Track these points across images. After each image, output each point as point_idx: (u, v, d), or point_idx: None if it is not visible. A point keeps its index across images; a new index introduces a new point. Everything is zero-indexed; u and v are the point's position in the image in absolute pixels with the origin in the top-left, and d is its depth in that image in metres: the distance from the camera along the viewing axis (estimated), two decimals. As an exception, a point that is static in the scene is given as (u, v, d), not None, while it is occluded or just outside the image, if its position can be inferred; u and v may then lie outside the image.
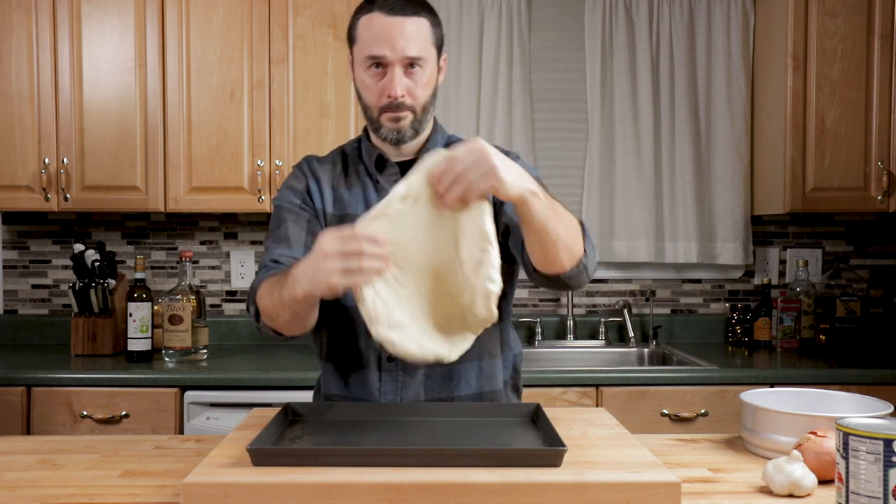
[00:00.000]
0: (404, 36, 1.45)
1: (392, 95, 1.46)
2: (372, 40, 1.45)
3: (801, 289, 3.05)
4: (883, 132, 2.84)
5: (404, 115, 1.49)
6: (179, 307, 2.66)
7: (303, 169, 1.63)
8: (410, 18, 1.46)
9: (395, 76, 1.45)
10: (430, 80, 1.51)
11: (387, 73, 1.46)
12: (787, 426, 1.33)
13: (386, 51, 1.44)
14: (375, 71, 1.47)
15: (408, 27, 1.45)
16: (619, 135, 3.14)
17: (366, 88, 1.50)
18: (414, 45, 1.45)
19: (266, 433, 1.21)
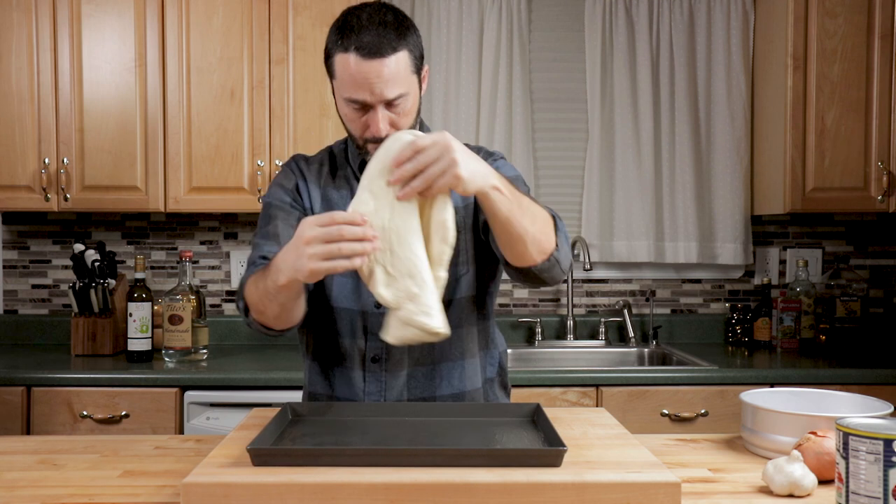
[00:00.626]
0: (382, 79, 1.38)
1: (375, 134, 1.41)
2: (349, 84, 1.39)
3: (801, 289, 3.05)
4: (883, 132, 2.84)
5: None
6: (179, 307, 2.66)
7: (291, 167, 1.62)
8: (388, 59, 1.38)
9: (378, 118, 1.40)
10: (412, 106, 1.46)
11: (369, 111, 1.42)
12: (787, 426, 1.33)
13: (366, 96, 1.39)
14: (356, 108, 1.42)
15: (386, 69, 1.37)
16: (619, 135, 3.14)
17: (349, 121, 1.46)
18: (393, 87, 1.39)
19: (266, 433, 1.21)
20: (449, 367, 1.55)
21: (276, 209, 1.55)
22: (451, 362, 1.55)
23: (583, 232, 3.16)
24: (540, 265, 1.36)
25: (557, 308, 3.24)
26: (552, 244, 1.37)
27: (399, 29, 1.41)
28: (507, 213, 1.27)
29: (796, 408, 1.41)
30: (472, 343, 1.58)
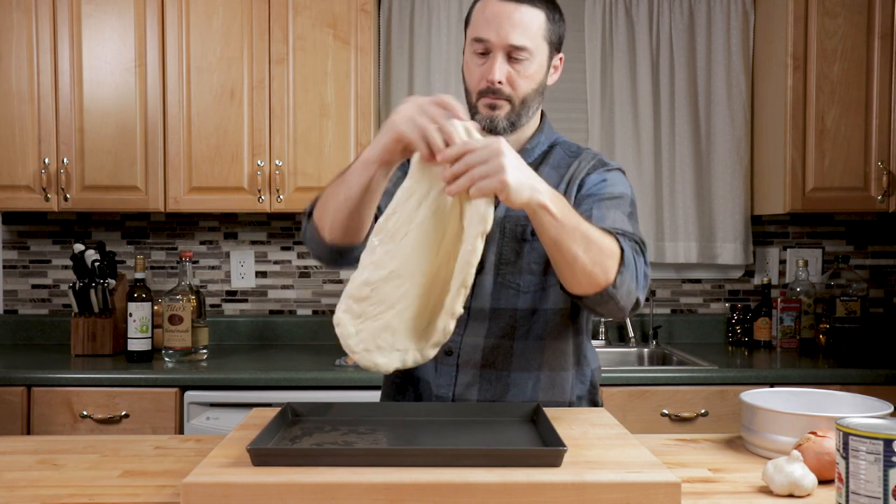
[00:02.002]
0: (512, 22, 1.42)
1: (490, 80, 1.43)
2: (481, 23, 1.44)
3: (801, 289, 3.05)
4: (883, 132, 2.84)
5: (501, 104, 1.45)
6: (179, 307, 2.66)
7: None
8: (524, 7, 1.43)
9: (496, 61, 1.42)
10: (536, 73, 1.46)
11: (489, 57, 1.44)
12: (787, 426, 1.33)
13: (491, 35, 1.42)
14: (480, 55, 1.45)
15: (517, 15, 1.42)
16: (619, 135, 3.14)
17: (468, 71, 1.48)
18: (521, 35, 1.42)
19: (266, 433, 1.21)
20: (524, 377, 1.51)
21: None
22: (527, 372, 1.51)
23: (583, 232, 3.15)
24: (590, 297, 1.31)
25: (557, 308, 3.24)
26: (609, 278, 1.28)
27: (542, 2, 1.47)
28: (556, 236, 1.23)
29: (796, 408, 1.41)
30: (557, 357, 1.54)
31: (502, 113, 1.46)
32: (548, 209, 1.21)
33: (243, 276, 3.17)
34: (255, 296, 3.19)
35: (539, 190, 1.20)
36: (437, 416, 1.38)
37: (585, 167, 1.53)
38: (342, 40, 2.80)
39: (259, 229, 3.18)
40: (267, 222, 3.18)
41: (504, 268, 1.51)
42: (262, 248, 3.18)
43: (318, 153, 2.81)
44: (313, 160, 2.81)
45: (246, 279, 3.17)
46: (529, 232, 1.50)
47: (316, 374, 2.53)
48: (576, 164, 1.54)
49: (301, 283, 3.18)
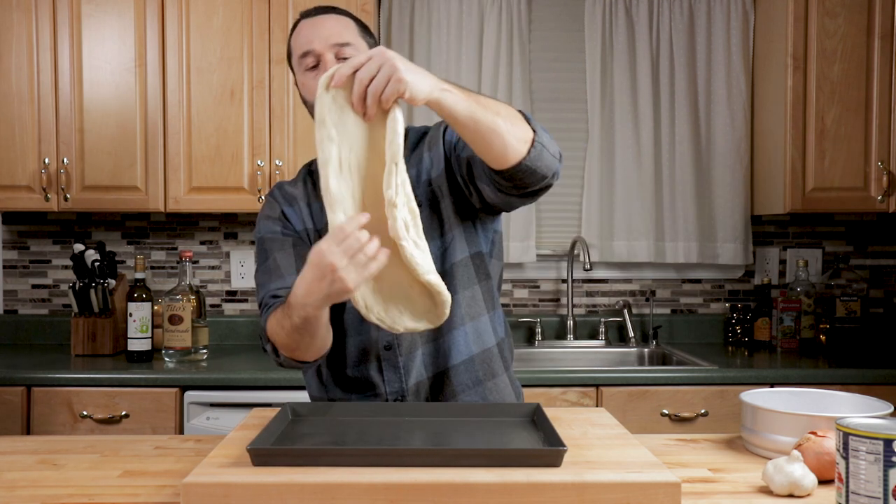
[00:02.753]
0: (326, 27, 1.50)
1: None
2: (301, 41, 1.51)
3: (801, 289, 3.05)
4: (883, 132, 2.84)
5: None
6: (179, 307, 2.66)
7: (274, 196, 1.63)
8: (330, 15, 1.52)
9: (327, 61, 1.47)
10: None
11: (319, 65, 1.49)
12: (787, 426, 1.33)
13: (314, 43, 1.48)
14: (309, 68, 1.49)
15: (328, 22, 1.51)
16: (619, 135, 3.14)
17: (308, 89, 1.49)
18: (339, 34, 1.49)
19: (266, 433, 1.21)
20: (459, 334, 1.53)
21: (269, 242, 1.56)
22: (461, 328, 1.53)
23: (583, 232, 3.16)
24: (527, 157, 1.32)
25: (557, 308, 3.24)
26: (529, 132, 1.33)
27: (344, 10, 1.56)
28: (468, 111, 1.24)
29: (796, 408, 1.41)
30: (476, 305, 1.56)
31: None
32: (452, 90, 1.24)
33: (243, 276, 3.18)
34: (255, 296, 3.18)
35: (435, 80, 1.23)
36: (437, 415, 1.38)
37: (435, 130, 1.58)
38: (342, 40, 2.80)
39: (259, 229, 3.18)
40: (267, 222, 3.17)
41: None
42: (262, 248, 3.18)
43: (318, 153, 2.80)
44: (313, 160, 2.80)
45: (246, 279, 3.17)
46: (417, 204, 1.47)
47: (316, 374, 2.53)
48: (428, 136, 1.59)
49: (301, 283, 3.18)
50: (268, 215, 1.61)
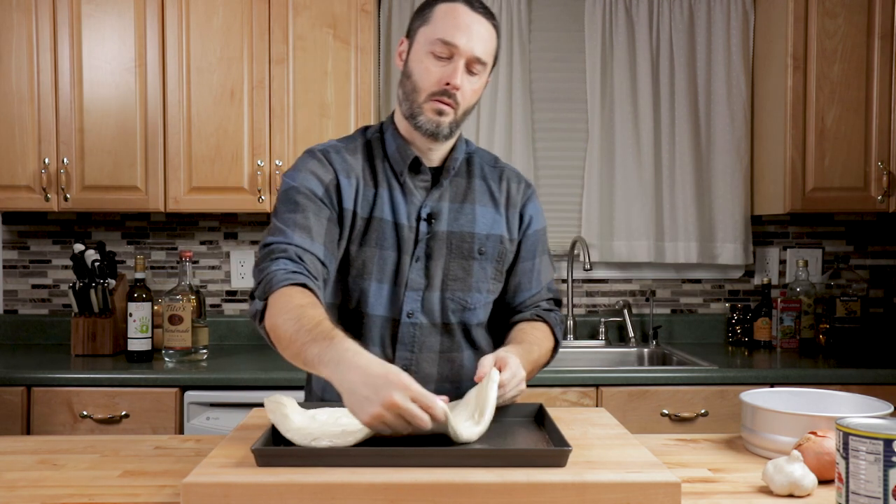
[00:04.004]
0: (480, 35, 1.46)
1: (451, 84, 1.44)
2: (450, 27, 1.45)
3: (801, 289, 3.05)
4: (883, 132, 2.84)
5: (448, 111, 1.47)
6: (179, 307, 2.66)
7: (331, 158, 1.52)
8: (489, 22, 1.49)
9: (459, 68, 1.45)
10: (480, 88, 1.51)
11: (450, 63, 1.45)
12: (787, 426, 1.33)
13: (461, 41, 1.44)
14: (441, 56, 1.45)
15: (483, 28, 1.47)
16: (619, 135, 3.14)
17: (423, 71, 1.46)
18: (484, 48, 1.47)
19: (269, 434, 1.21)
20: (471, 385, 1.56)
21: (304, 198, 1.45)
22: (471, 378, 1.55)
23: (583, 232, 3.16)
24: None
25: (557, 308, 3.24)
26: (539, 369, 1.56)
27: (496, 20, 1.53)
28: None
29: (796, 408, 1.41)
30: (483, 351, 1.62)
31: (448, 119, 1.48)
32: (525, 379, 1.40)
33: (243, 276, 3.18)
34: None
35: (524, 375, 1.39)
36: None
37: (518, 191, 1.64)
38: (342, 40, 2.80)
39: (259, 229, 3.18)
40: (267, 222, 3.18)
41: (452, 284, 1.55)
42: (262, 248, 3.18)
43: (318, 153, 2.80)
44: (313, 160, 2.80)
45: (246, 279, 3.17)
46: (477, 251, 1.56)
47: (316, 374, 2.53)
48: (505, 185, 1.63)
49: (301, 283, 3.18)
50: (314, 172, 1.49)
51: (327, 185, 1.48)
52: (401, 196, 1.53)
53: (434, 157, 1.56)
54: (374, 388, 1.10)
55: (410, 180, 1.54)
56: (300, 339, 1.23)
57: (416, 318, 1.52)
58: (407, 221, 1.52)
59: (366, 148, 1.57)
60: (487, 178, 1.62)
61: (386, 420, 1.10)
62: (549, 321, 1.62)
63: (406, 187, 1.54)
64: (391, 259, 1.51)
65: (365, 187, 1.52)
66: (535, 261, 1.64)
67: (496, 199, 1.60)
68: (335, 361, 1.16)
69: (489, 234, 1.57)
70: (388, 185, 1.54)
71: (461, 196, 1.58)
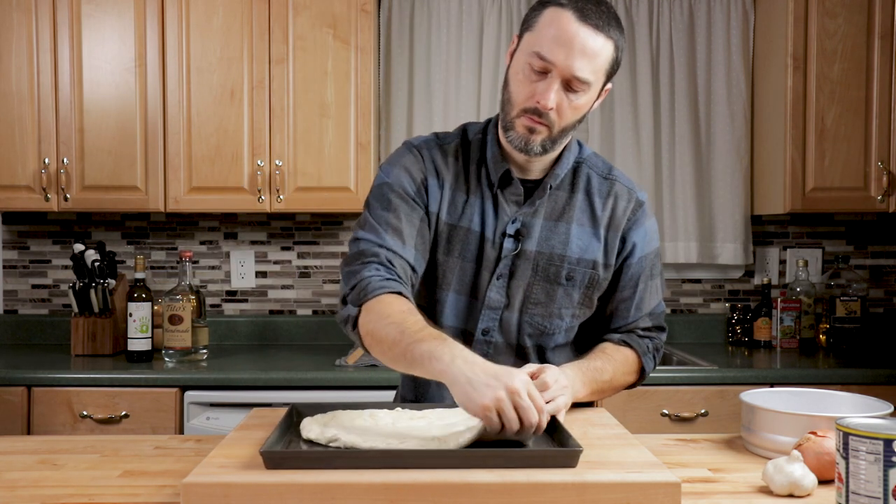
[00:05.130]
0: (584, 52, 1.32)
1: (541, 104, 1.34)
2: (550, 39, 1.32)
3: (801, 289, 3.05)
4: (883, 132, 2.84)
5: (540, 129, 1.38)
6: (179, 307, 2.66)
7: (424, 156, 1.47)
8: (600, 35, 1.33)
9: (553, 87, 1.33)
10: (584, 104, 1.39)
11: (547, 78, 1.34)
12: (787, 426, 1.33)
13: (559, 57, 1.32)
14: (536, 70, 1.34)
15: (591, 43, 1.32)
16: (619, 135, 3.14)
17: (518, 82, 1.37)
18: (587, 67, 1.33)
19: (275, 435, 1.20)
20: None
21: (397, 197, 1.41)
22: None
23: (583, 232, 3.16)
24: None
25: (557, 308, 3.24)
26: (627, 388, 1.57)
27: (618, 22, 1.38)
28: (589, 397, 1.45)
29: (796, 408, 1.41)
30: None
31: (539, 138, 1.39)
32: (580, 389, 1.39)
33: (243, 276, 3.17)
34: (255, 296, 3.19)
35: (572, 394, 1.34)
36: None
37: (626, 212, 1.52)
38: (342, 40, 2.80)
39: (259, 229, 3.18)
40: (267, 222, 3.18)
41: (533, 308, 1.48)
42: (262, 248, 3.18)
43: (318, 153, 2.81)
44: (313, 160, 2.80)
45: (246, 279, 3.17)
46: (564, 276, 1.48)
47: (316, 374, 2.53)
48: (611, 202, 1.51)
49: (301, 283, 3.19)
50: (409, 170, 1.45)
51: (419, 184, 1.45)
52: (491, 207, 1.46)
53: (534, 168, 1.47)
54: (496, 376, 1.12)
55: (501, 193, 1.46)
56: (406, 339, 1.22)
57: (490, 336, 1.48)
58: (492, 236, 1.45)
59: (463, 148, 1.50)
60: (592, 193, 1.50)
61: (503, 407, 1.10)
62: (637, 348, 1.54)
63: (498, 201, 1.46)
64: (471, 271, 1.46)
65: (455, 192, 1.47)
66: (638, 289, 1.54)
67: (597, 217, 1.50)
68: (450, 357, 1.16)
69: (581, 259, 1.48)
70: (480, 194, 1.47)
71: (558, 213, 1.48)
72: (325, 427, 1.23)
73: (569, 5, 1.33)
